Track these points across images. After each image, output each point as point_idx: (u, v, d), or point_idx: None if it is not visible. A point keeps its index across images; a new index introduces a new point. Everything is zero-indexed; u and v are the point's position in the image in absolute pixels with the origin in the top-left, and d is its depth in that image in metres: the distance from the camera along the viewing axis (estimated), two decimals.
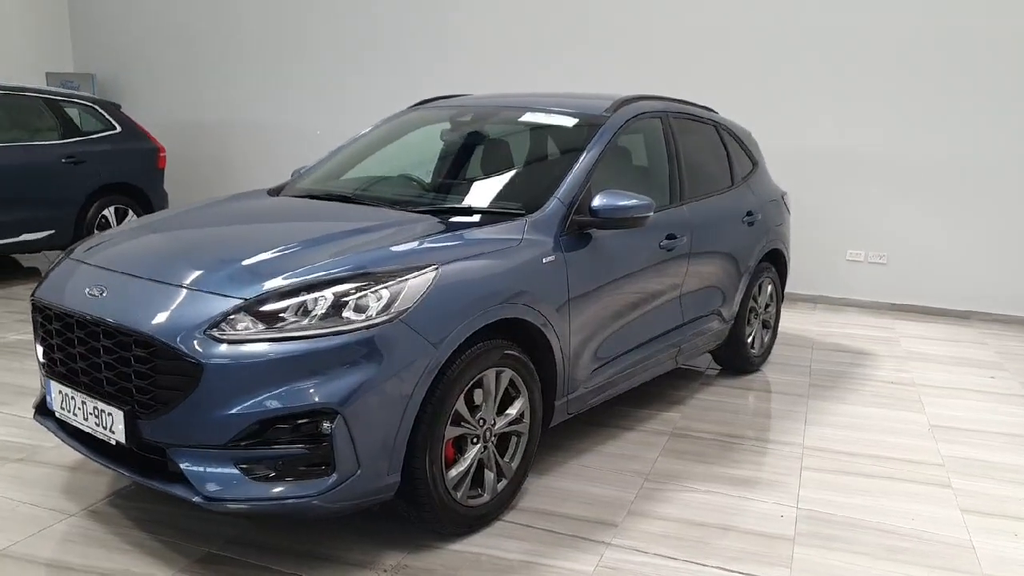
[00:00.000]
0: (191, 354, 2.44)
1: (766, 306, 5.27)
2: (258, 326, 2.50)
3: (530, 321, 3.09)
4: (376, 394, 2.53)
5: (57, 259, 3.24)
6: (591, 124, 3.87)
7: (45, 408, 3.00)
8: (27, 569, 2.67)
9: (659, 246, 3.92)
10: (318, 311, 2.54)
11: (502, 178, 3.92)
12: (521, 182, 3.85)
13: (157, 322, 2.54)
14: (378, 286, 2.62)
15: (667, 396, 4.65)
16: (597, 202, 3.39)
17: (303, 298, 2.56)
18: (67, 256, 3.19)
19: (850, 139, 7.32)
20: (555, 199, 3.40)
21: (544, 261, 3.20)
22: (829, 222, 7.47)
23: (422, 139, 4.46)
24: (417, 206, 3.52)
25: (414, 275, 2.70)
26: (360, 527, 2.98)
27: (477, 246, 3.03)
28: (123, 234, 3.32)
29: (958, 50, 6.88)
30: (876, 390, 4.97)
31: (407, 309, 2.61)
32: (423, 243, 2.94)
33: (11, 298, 6.48)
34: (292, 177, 4.35)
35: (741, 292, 4.83)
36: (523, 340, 3.13)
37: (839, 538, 3.10)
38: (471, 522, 2.97)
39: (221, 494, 2.46)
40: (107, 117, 7.81)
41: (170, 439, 2.52)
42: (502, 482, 3.09)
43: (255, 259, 2.78)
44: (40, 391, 3.08)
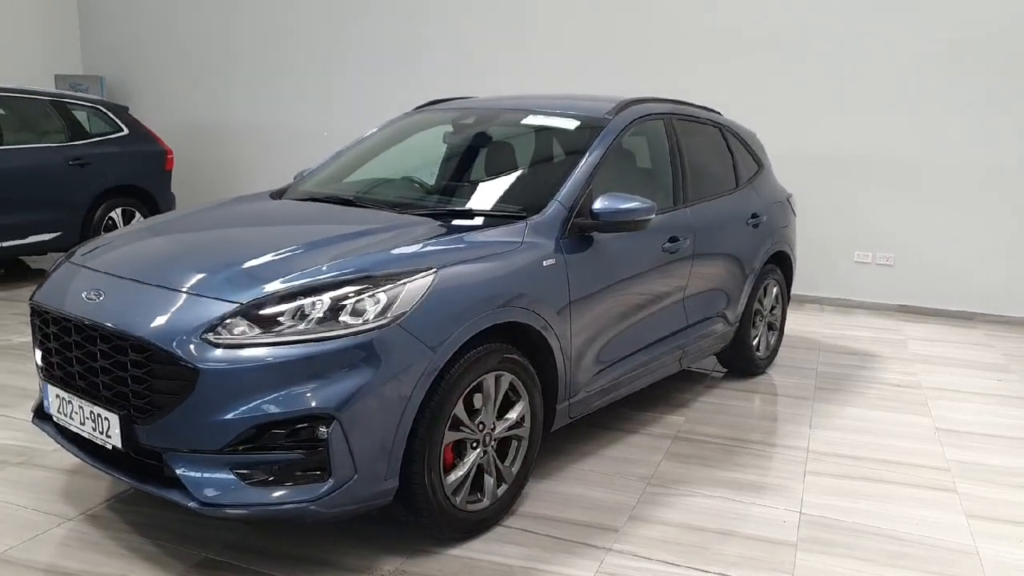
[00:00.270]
0: (187, 358, 2.43)
1: (772, 308, 5.23)
2: (255, 330, 2.49)
3: (530, 324, 3.08)
4: (373, 399, 2.51)
5: (56, 262, 3.24)
6: (593, 126, 3.85)
7: (43, 412, 3.00)
8: (24, 574, 2.67)
9: (662, 249, 3.90)
10: (315, 315, 2.53)
11: (504, 181, 3.90)
12: (523, 185, 3.83)
13: (153, 326, 2.53)
14: (375, 290, 2.61)
15: (671, 399, 4.63)
16: (598, 205, 3.37)
17: (300, 302, 2.55)
18: (66, 260, 3.19)
19: (857, 141, 7.27)
20: (556, 202, 3.38)
21: (544, 264, 3.18)
22: (836, 224, 7.43)
23: (425, 142, 4.45)
24: (418, 209, 3.50)
25: (412, 279, 2.68)
26: (358, 532, 2.97)
27: (476, 249, 3.01)
28: (123, 237, 3.32)
29: (963, 51, 6.83)
30: (882, 393, 4.93)
31: (404, 313, 2.60)
32: (422, 246, 2.92)
33: (17, 300, 6.50)
34: (295, 180, 4.34)
35: (746, 294, 4.80)
36: (523, 343, 3.11)
37: (841, 543, 3.07)
38: (470, 527, 2.95)
39: (218, 499, 2.45)
40: (114, 119, 7.83)
41: (166, 444, 2.51)
42: (502, 487, 3.07)
43: (253, 263, 2.77)
44: (39, 395, 3.08)
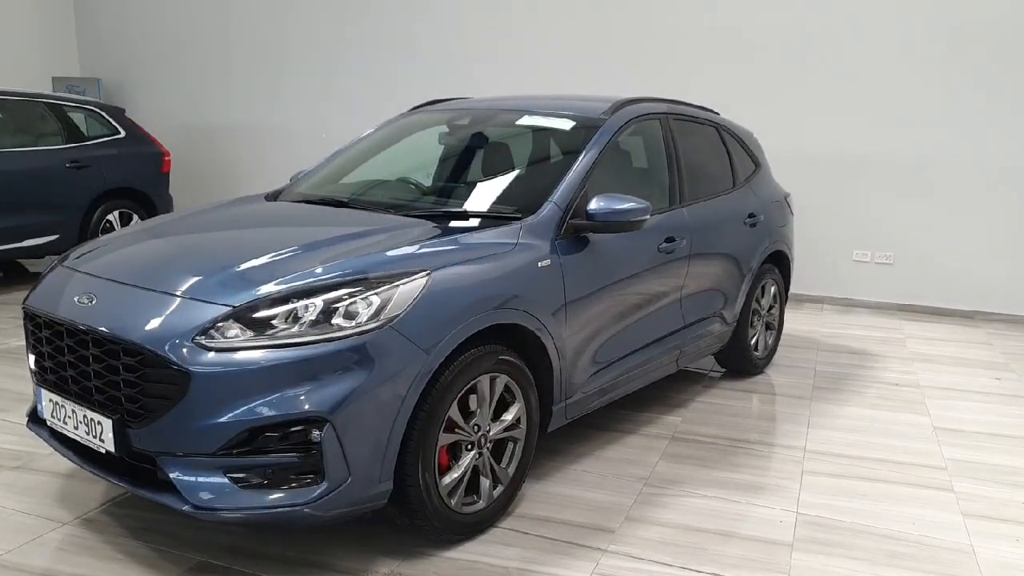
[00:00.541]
0: (179, 362, 2.42)
1: (769, 308, 5.22)
2: (247, 333, 2.48)
3: (525, 326, 3.07)
4: (366, 401, 2.50)
5: (49, 266, 3.23)
6: (589, 127, 3.84)
7: (38, 416, 2.99)
8: None
9: (658, 249, 3.89)
10: (308, 318, 2.52)
11: (499, 181, 3.88)
12: (518, 185, 3.82)
13: (146, 330, 2.52)
14: (368, 292, 2.60)
15: (669, 399, 4.62)
16: (593, 205, 3.36)
17: (293, 305, 2.54)
18: (59, 263, 3.18)
19: (856, 140, 7.26)
20: (551, 203, 3.37)
21: (539, 265, 3.17)
22: (835, 223, 7.42)
23: (421, 143, 4.44)
24: (413, 210, 3.49)
25: (405, 281, 2.67)
26: (353, 534, 2.96)
27: (470, 251, 3.00)
28: (116, 241, 3.30)
29: (963, 50, 6.82)
30: (880, 392, 4.92)
31: (397, 316, 2.59)
32: (416, 248, 2.91)
33: (14, 304, 6.49)
34: (291, 181, 4.33)
35: (743, 294, 4.79)
36: (519, 345, 3.10)
37: (839, 543, 3.06)
38: (466, 529, 2.95)
39: (212, 503, 2.45)
40: (112, 122, 7.82)
41: (159, 448, 2.50)
42: (498, 488, 3.06)
43: (246, 265, 2.76)
44: (33, 399, 3.07)
